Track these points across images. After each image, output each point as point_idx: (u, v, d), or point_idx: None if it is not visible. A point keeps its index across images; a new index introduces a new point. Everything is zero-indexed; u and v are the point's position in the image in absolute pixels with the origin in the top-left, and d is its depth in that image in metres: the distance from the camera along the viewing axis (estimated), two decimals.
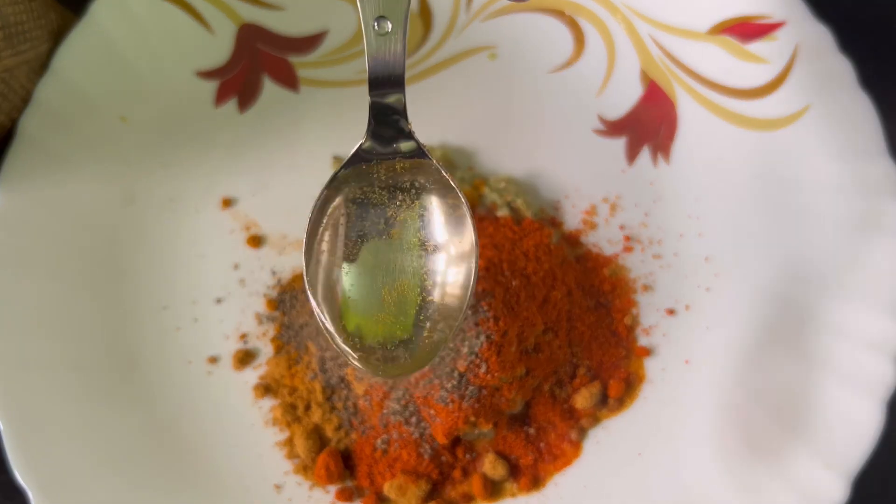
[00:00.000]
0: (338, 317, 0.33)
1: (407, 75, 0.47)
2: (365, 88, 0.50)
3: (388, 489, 0.38)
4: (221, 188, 0.44)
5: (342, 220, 0.33)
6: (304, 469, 0.39)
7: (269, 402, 0.40)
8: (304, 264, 0.32)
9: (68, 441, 0.37)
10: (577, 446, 0.39)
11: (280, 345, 0.41)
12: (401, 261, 0.33)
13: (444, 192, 0.33)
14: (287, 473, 0.39)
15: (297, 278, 0.42)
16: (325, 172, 0.44)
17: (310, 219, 0.33)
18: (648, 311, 0.41)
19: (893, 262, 0.38)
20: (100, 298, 0.41)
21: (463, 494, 0.38)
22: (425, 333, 0.33)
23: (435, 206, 0.33)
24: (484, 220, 0.41)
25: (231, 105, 0.45)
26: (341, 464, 0.39)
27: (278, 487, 0.39)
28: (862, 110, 0.40)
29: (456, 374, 0.37)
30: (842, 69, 0.40)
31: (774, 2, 0.42)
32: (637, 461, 0.38)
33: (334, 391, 0.39)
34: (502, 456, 0.39)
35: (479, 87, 0.46)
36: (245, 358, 0.41)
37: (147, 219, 0.43)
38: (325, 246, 0.33)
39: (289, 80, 0.46)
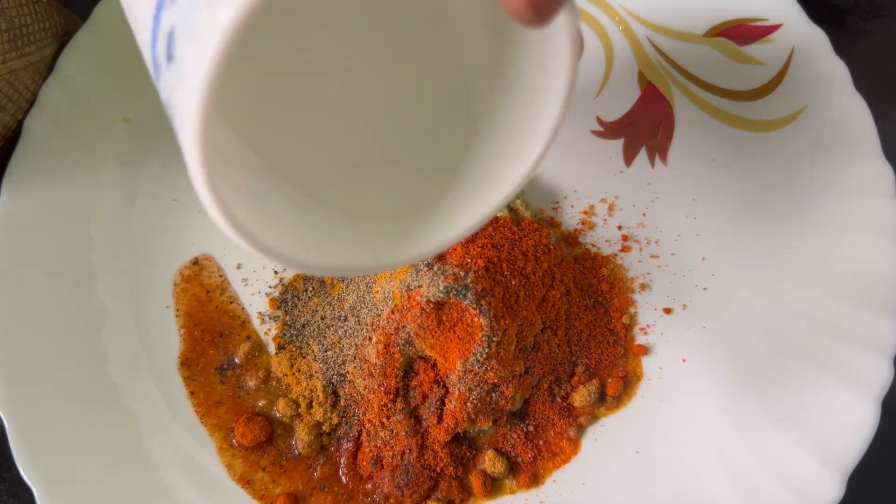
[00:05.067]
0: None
1: None
2: None
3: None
4: None
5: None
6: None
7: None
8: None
9: (73, 438, 0.37)
10: (575, 444, 0.39)
11: (282, 343, 0.41)
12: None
13: None
14: None
15: (299, 277, 0.42)
16: None
17: None
18: (646, 310, 0.41)
19: (889, 262, 0.38)
20: (103, 297, 0.41)
21: (462, 492, 0.38)
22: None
23: None
24: None
25: None
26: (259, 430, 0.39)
27: None
28: (856, 112, 0.40)
29: (457, 373, 0.37)
30: (837, 71, 0.41)
31: (770, 5, 0.43)
32: (635, 459, 0.38)
33: (335, 389, 0.40)
34: (501, 453, 0.39)
35: None
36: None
37: (149, 219, 0.43)
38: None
39: None
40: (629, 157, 0.44)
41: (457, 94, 0.26)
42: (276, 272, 0.43)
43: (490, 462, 0.38)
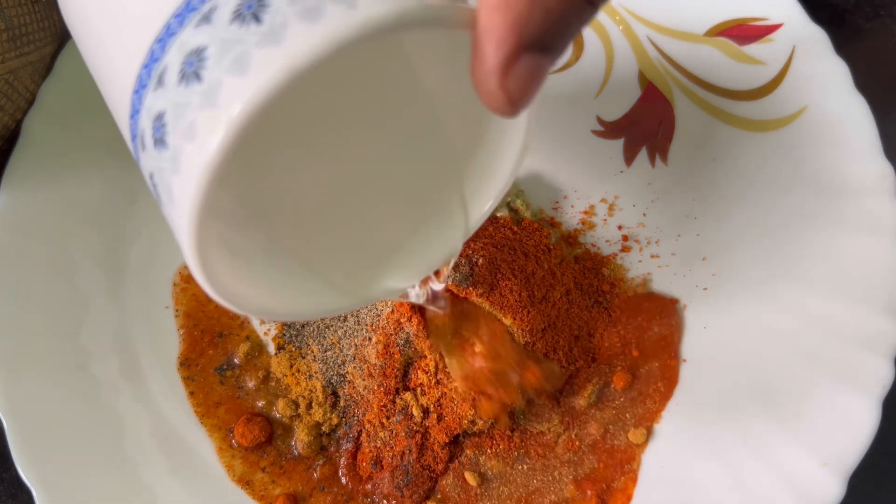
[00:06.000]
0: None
1: None
2: None
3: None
4: None
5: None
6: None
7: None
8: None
9: (72, 439, 0.37)
10: None
11: (282, 343, 0.41)
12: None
13: None
14: None
15: None
16: None
17: None
18: None
19: (889, 263, 0.38)
20: (102, 297, 0.41)
21: (462, 491, 0.38)
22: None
23: None
24: None
25: None
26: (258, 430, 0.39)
27: None
28: (857, 112, 0.40)
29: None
30: (838, 71, 0.41)
31: (771, 4, 0.43)
32: None
33: (335, 389, 0.39)
34: None
35: None
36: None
37: (149, 218, 0.43)
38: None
39: None
40: (629, 157, 0.44)
41: (438, 149, 0.28)
42: None
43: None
